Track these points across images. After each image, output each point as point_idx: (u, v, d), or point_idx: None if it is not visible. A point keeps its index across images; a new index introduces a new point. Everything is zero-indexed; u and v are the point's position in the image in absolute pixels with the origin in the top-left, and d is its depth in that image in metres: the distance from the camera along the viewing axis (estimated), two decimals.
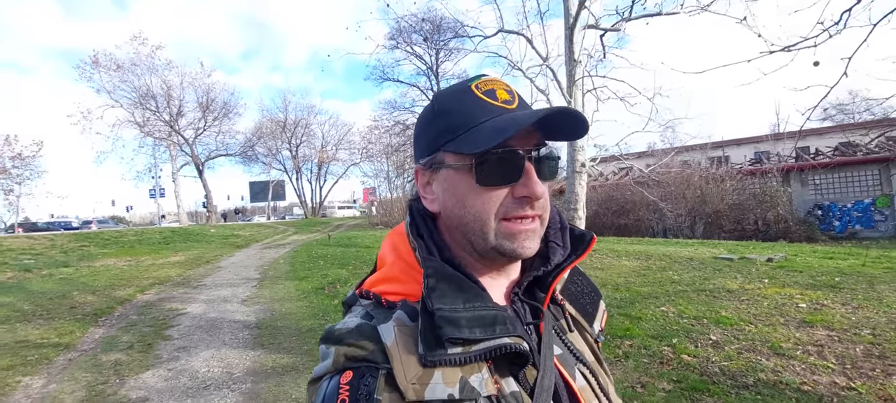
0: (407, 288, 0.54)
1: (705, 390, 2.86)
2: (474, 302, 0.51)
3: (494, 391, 0.48)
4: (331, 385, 0.46)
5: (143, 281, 8.75)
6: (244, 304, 6.55)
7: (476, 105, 0.54)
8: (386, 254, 0.60)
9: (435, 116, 0.56)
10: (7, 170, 30.99)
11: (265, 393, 3.36)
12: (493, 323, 0.49)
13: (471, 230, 0.54)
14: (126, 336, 5.07)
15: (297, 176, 42.52)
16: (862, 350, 3.50)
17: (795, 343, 3.66)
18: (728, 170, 16.39)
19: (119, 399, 3.36)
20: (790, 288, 5.56)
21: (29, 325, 5.61)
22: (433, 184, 0.57)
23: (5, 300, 7.06)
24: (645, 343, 3.78)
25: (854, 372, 3.11)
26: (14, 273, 9.47)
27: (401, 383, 0.45)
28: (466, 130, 0.53)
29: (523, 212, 0.53)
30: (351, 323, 0.51)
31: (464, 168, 0.53)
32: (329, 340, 0.50)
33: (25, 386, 3.72)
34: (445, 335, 0.47)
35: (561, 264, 0.59)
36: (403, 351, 0.47)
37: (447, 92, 0.58)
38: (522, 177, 0.52)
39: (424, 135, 0.57)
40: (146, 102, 30.27)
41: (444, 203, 0.56)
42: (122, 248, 13.97)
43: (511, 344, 0.49)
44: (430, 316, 0.48)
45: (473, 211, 0.53)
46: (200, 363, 4.08)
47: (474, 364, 0.49)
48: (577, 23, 9.39)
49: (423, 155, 0.57)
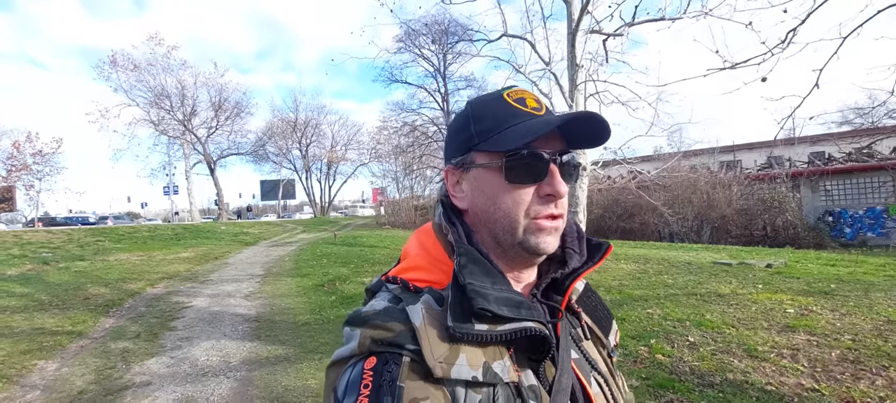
0: (433, 276, 0.56)
1: (671, 387, 2.99)
2: (501, 286, 0.53)
3: (516, 378, 0.50)
4: (355, 370, 0.48)
5: (153, 276, 9.07)
6: (246, 299, 6.80)
7: (507, 110, 0.58)
8: (411, 248, 0.63)
9: (469, 120, 0.60)
10: (28, 166, 31.97)
11: (258, 380, 3.58)
12: (519, 306, 0.52)
13: (500, 226, 0.57)
14: (134, 327, 5.34)
15: (306, 175, 43.09)
16: (837, 354, 3.58)
17: (772, 347, 3.75)
18: (735, 174, 16.32)
19: (125, 383, 3.60)
20: (782, 293, 5.61)
21: (45, 314, 5.92)
22: (463, 183, 0.61)
23: (25, 290, 7.42)
24: (624, 342, 3.91)
25: (823, 375, 3.20)
26: (33, 265, 9.88)
27: (429, 360, 0.47)
28: (498, 132, 0.56)
29: (549, 210, 0.56)
30: (378, 305, 0.53)
31: (494, 167, 0.56)
32: (355, 322, 0.51)
33: (41, 369, 3.99)
34: (477, 305, 0.49)
35: (578, 269, 0.61)
36: (431, 331, 0.49)
37: (481, 99, 0.62)
38: (548, 177, 0.56)
39: (458, 137, 0.61)
40: (161, 101, 30.98)
41: (473, 200, 0.59)
42: (135, 243, 14.39)
43: (535, 329, 0.51)
44: (462, 290, 0.50)
45: (504, 207, 0.56)
46: (201, 352, 4.31)
47: (496, 350, 0.51)
48: (578, 27, 9.48)
49: (454, 155, 0.61)
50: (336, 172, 44.18)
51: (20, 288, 7.58)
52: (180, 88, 31.71)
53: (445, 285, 0.54)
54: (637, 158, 16.09)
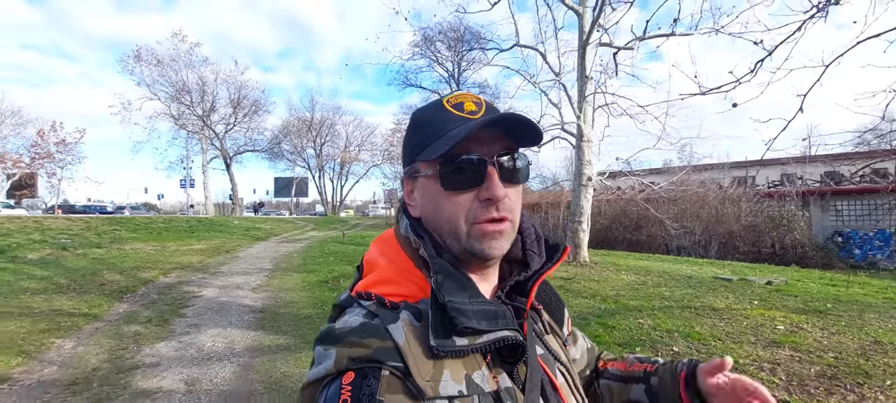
0: (405, 290, 0.56)
1: None
2: (477, 298, 0.54)
3: (494, 387, 0.51)
4: (332, 387, 0.47)
5: (166, 266, 9.41)
6: (253, 291, 7.08)
7: (444, 116, 0.58)
8: (375, 259, 0.62)
9: (412, 130, 0.62)
10: (51, 154, 33.02)
11: (259, 366, 3.82)
12: (495, 317, 0.53)
13: (445, 233, 0.57)
14: (146, 312, 5.63)
15: (319, 174, 43.72)
16: (816, 371, 3.67)
17: (753, 360, 3.86)
18: (745, 191, 16.22)
19: (135, 363, 3.86)
20: (776, 310, 5.66)
21: (63, 297, 6.25)
22: (414, 192, 0.61)
23: (44, 274, 7.79)
24: (609, 349, 4.04)
25: (797, 389, 3.31)
26: (52, 250, 10.29)
27: (418, 380, 0.47)
28: (432, 140, 0.57)
29: (489, 214, 0.56)
30: (353, 321, 0.52)
31: (433, 175, 0.57)
32: (328, 340, 0.51)
33: (58, 347, 4.28)
34: (461, 324, 0.49)
35: (539, 271, 0.62)
36: (415, 349, 0.49)
37: (422, 108, 0.63)
38: (485, 181, 0.55)
39: (406, 147, 0.62)
40: (182, 96, 31.81)
41: (423, 209, 0.60)
42: (151, 234, 14.82)
43: (511, 337, 0.52)
44: (442, 308, 0.50)
45: (445, 214, 0.57)
46: (207, 338, 4.57)
47: (475, 360, 0.52)
48: (589, 40, 9.63)
49: (405, 164, 0.63)
50: (348, 172, 44.80)
51: (40, 271, 7.96)
52: (201, 84, 32.56)
53: (418, 298, 0.54)
54: (645, 171, 16.13)
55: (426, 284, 0.55)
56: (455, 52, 20.03)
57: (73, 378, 3.50)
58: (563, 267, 9.08)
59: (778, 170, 22.05)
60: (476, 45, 14.21)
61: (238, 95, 34.68)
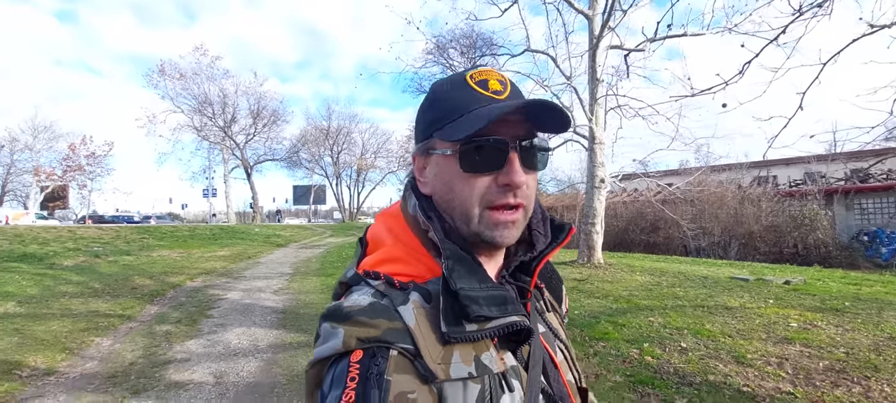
0: (412, 270, 0.55)
1: (650, 383, 3.24)
2: (486, 283, 0.53)
3: (501, 367, 0.52)
4: (340, 365, 0.47)
5: (192, 271, 9.82)
6: (275, 294, 7.38)
7: (467, 94, 0.55)
8: (381, 236, 0.60)
9: (430, 104, 0.59)
10: (82, 166, 34.45)
11: (281, 361, 4.06)
12: (504, 303, 0.52)
13: (457, 215, 0.56)
14: (176, 313, 5.95)
15: (337, 181, 44.36)
16: (825, 365, 3.71)
17: (762, 356, 3.91)
18: (765, 190, 15.94)
19: (167, 358, 4.13)
20: (791, 309, 5.65)
21: (99, 300, 6.63)
22: (427, 169, 0.59)
23: (80, 279, 8.23)
24: (617, 345, 4.15)
25: (803, 382, 3.36)
26: (86, 257, 10.83)
27: (429, 364, 0.47)
28: (455, 118, 0.54)
29: (505, 200, 0.54)
30: (362, 301, 0.51)
31: (451, 154, 0.55)
32: (336, 318, 0.50)
33: (97, 344, 4.60)
34: (473, 313, 0.49)
35: (543, 251, 0.61)
36: (427, 332, 0.49)
37: (443, 81, 0.60)
38: (505, 166, 0.54)
39: (422, 121, 0.59)
40: (204, 109, 32.80)
41: (434, 187, 0.58)
42: (176, 241, 15.38)
43: (519, 322, 0.52)
44: (454, 296, 0.50)
45: (459, 196, 0.55)
46: (233, 336, 4.84)
47: (483, 343, 0.52)
48: (599, 43, 9.72)
49: (418, 139, 0.60)
50: (365, 179, 45.38)
51: (76, 277, 8.41)
52: (222, 96, 33.53)
53: (426, 279, 0.54)
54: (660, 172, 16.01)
55: (435, 265, 0.54)
56: (467, 58, 20.24)
57: (112, 372, 3.78)
58: (577, 268, 9.14)
59: (801, 168, 21.55)
60: (488, 50, 14.37)
61: (257, 106, 35.61)
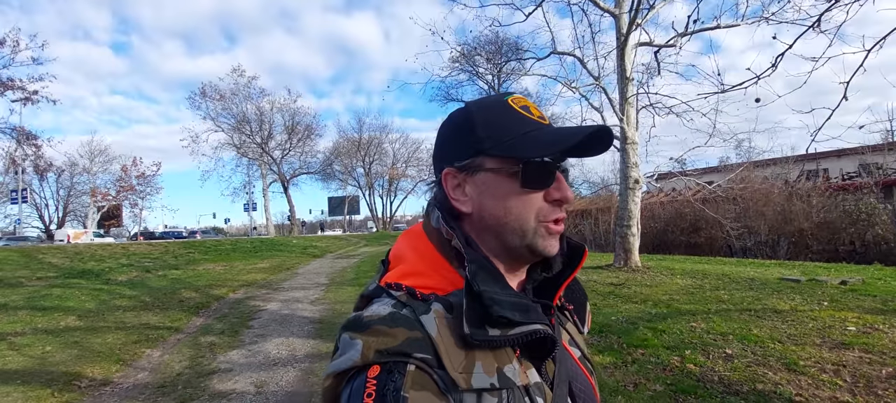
0: (434, 283, 0.55)
1: (693, 393, 3.10)
2: (509, 290, 0.54)
3: (525, 381, 0.52)
4: (358, 380, 0.47)
5: (234, 283, 10.22)
6: (312, 304, 7.58)
7: (516, 118, 0.58)
8: (403, 253, 0.61)
9: (474, 124, 0.59)
10: (133, 186, 36.58)
11: (318, 371, 4.16)
12: (527, 310, 0.53)
13: (510, 229, 0.57)
14: (219, 325, 6.21)
15: (369, 192, 45.18)
16: (888, 372, 3.44)
17: (816, 362, 3.67)
18: (814, 185, 15.02)
19: (212, 368, 4.32)
20: (848, 311, 5.29)
21: (149, 313, 7.00)
22: (466, 187, 0.59)
23: (133, 293, 8.73)
24: (657, 352, 4.00)
25: (863, 391, 3.13)
26: (138, 272, 11.47)
27: (451, 372, 0.47)
28: (512, 138, 0.57)
29: (557, 214, 0.58)
30: (382, 310, 0.51)
31: (507, 172, 0.56)
32: (355, 328, 0.50)
33: (148, 355, 4.87)
34: (496, 313, 0.49)
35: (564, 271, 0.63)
36: (448, 341, 0.49)
37: (484, 103, 0.61)
38: (556, 182, 0.58)
39: (461, 139, 0.60)
40: (242, 127, 34.25)
41: (480, 204, 0.58)
42: (220, 255, 16.05)
43: (542, 330, 0.52)
44: (478, 297, 0.50)
45: (515, 212, 0.57)
46: (273, 347, 5.00)
47: (505, 354, 0.52)
48: (627, 41, 9.49)
49: (457, 158, 0.59)
50: (397, 188, 45.98)
51: (129, 291, 8.92)
52: (259, 114, 34.92)
53: (448, 291, 0.54)
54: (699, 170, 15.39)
55: (457, 278, 0.55)
56: (494, 65, 20.22)
57: (161, 382, 3.98)
58: (614, 272, 8.89)
59: (854, 160, 20.21)
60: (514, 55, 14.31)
61: (292, 122, 36.83)
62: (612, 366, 3.83)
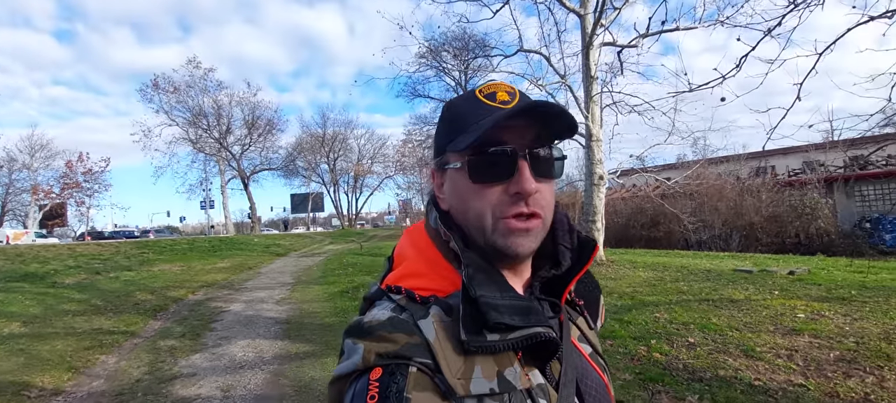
0: (434, 284, 0.54)
1: (661, 381, 3.21)
2: (509, 292, 0.52)
3: (527, 384, 0.50)
4: (360, 383, 0.46)
5: (194, 284, 9.77)
6: (277, 304, 7.35)
7: (477, 107, 0.56)
8: (405, 251, 0.60)
9: (443, 120, 0.60)
10: (79, 184, 34.38)
11: (288, 372, 4.03)
12: (528, 313, 0.51)
13: (472, 227, 0.55)
14: (179, 328, 5.91)
15: (334, 188, 44.30)
16: (836, 355, 3.68)
17: (771, 348, 3.88)
18: (764, 181, 15.94)
19: (173, 373, 4.10)
20: (797, 299, 5.63)
21: (102, 317, 6.59)
22: (444, 185, 0.60)
23: (82, 296, 8.19)
24: (625, 343, 4.13)
25: (814, 373, 3.34)
26: (87, 275, 10.77)
27: (448, 379, 0.46)
28: (463, 130, 0.55)
29: (517, 209, 0.53)
30: (382, 315, 0.51)
31: (462, 167, 0.55)
32: (357, 333, 0.50)
33: (103, 362, 4.57)
34: (492, 319, 0.48)
35: (572, 270, 0.60)
36: (446, 345, 0.48)
37: (457, 98, 0.61)
38: (516, 174, 0.53)
39: (436, 137, 0.61)
40: (199, 121, 32.73)
41: (450, 202, 0.58)
42: (176, 255, 15.32)
43: (543, 333, 0.50)
44: (474, 303, 0.49)
45: (473, 208, 0.55)
46: (238, 349, 4.81)
47: (506, 357, 0.50)
48: (592, 41, 9.73)
49: (435, 156, 0.61)
50: (362, 185, 45.32)
51: (78, 295, 8.36)
52: (216, 108, 33.45)
53: (448, 292, 0.53)
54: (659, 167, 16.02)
55: (457, 278, 0.53)
56: (461, 61, 20.27)
57: (119, 390, 3.75)
58: None
59: (799, 157, 21.57)
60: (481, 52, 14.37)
61: (252, 116, 35.53)
62: None
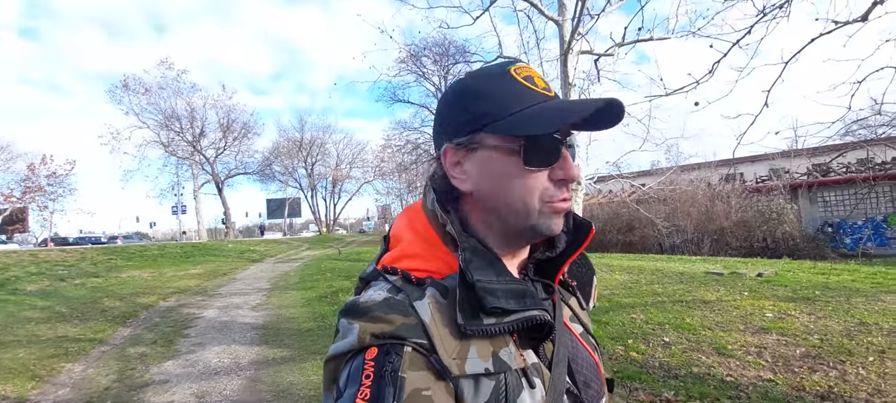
0: (431, 266, 0.54)
1: (637, 378, 3.29)
2: (505, 276, 0.52)
3: (521, 364, 0.51)
4: (356, 361, 0.47)
5: (165, 290, 9.46)
6: (254, 310, 7.18)
7: (519, 89, 0.54)
8: (401, 232, 0.60)
9: (472, 97, 0.56)
10: (42, 187, 32.89)
11: (265, 378, 3.94)
12: (523, 296, 0.51)
13: (512, 210, 0.55)
14: (150, 335, 5.71)
15: (312, 193, 43.69)
16: (801, 352, 3.85)
17: (741, 346, 4.03)
18: (733, 187, 16.52)
19: (145, 381, 3.96)
20: (765, 299, 5.84)
21: (67, 324, 6.31)
22: (465, 164, 0.57)
23: (45, 304, 7.83)
24: (603, 343, 4.20)
25: (782, 369, 3.48)
26: (51, 281, 10.31)
27: (444, 359, 0.47)
28: (514, 113, 0.53)
29: (562, 194, 0.55)
30: (377, 296, 0.51)
31: (508, 149, 0.54)
32: (353, 313, 0.50)
33: (69, 371, 4.37)
34: (489, 304, 0.48)
35: (567, 251, 0.61)
36: (441, 327, 0.48)
37: (483, 74, 0.58)
38: (561, 160, 0.54)
39: (459, 114, 0.57)
40: (171, 123, 31.80)
41: (479, 183, 0.56)
42: (146, 261, 14.82)
43: (539, 317, 0.51)
44: (470, 287, 0.49)
45: (519, 191, 0.54)
46: (213, 355, 4.68)
47: (501, 339, 0.51)
48: (570, 49, 9.94)
49: (456, 134, 0.56)
50: (341, 190, 44.86)
51: (41, 302, 7.99)
52: (190, 110, 32.59)
53: (445, 274, 0.53)
54: (634, 173, 16.42)
55: (453, 260, 0.54)
56: (441, 66, 20.38)
57: (86, 398, 3.59)
58: None
59: (765, 165, 22.43)
60: (461, 58, 14.49)
61: (227, 119, 34.75)
62: None
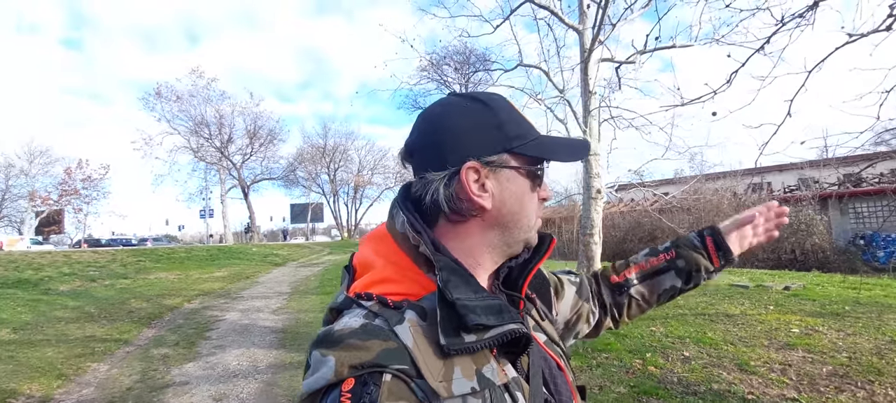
0: (405, 288, 0.54)
1: (655, 394, 3.22)
2: (481, 293, 0.53)
3: (504, 379, 0.52)
4: (331, 396, 0.45)
5: (190, 293, 9.73)
6: (274, 314, 7.31)
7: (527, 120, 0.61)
8: (369, 258, 0.59)
9: (500, 120, 0.58)
10: (78, 190, 34.35)
11: (282, 382, 4.01)
12: (501, 311, 0.52)
13: (521, 225, 0.60)
14: (173, 336, 5.88)
15: (334, 199, 44.32)
16: (828, 370, 3.70)
17: (765, 362, 3.90)
18: (759, 197, 16.04)
19: (166, 382, 4.08)
20: (792, 314, 5.65)
21: (95, 324, 6.55)
22: (488, 182, 0.57)
23: (76, 304, 8.15)
24: (620, 356, 4.13)
25: (807, 388, 3.35)
26: (82, 282, 10.72)
27: (431, 382, 0.47)
28: (531, 139, 0.59)
29: (542, 211, 0.64)
30: (354, 323, 0.50)
31: (524, 171, 0.59)
32: (326, 344, 0.48)
33: (94, 370, 4.54)
34: (471, 321, 0.49)
35: (530, 262, 0.64)
36: (425, 350, 0.48)
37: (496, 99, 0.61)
38: (543, 184, 0.63)
39: (486, 132, 0.57)
40: (200, 130, 32.82)
41: (501, 201, 0.58)
42: (173, 263, 15.26)
43: (517, 330, 0.52)
44: (451, 306, 0.49)
45: (528, 209, 0.60)
46: (232, 358, 4.78)
47: (482, 355, 0.51)
48: (591, 56, 9.85)
49: (483, 153, 0.57)
50: (362, 196, 45.36)
51: (72, 302, 8.32)
52: (219, 117, 33.56)
53: (420, 295, 0.53)
54: (655, 182, 16.11)
55: (427, 281, 0.54)
56: (461, 74, 20.47)
57: (109, 398, 3.73)
58: None
59: (794, 174, 21.66)
60: (482, 66, 14.53)
61: (254, 126, 35.65)
62: (577, 370, 3.92)
